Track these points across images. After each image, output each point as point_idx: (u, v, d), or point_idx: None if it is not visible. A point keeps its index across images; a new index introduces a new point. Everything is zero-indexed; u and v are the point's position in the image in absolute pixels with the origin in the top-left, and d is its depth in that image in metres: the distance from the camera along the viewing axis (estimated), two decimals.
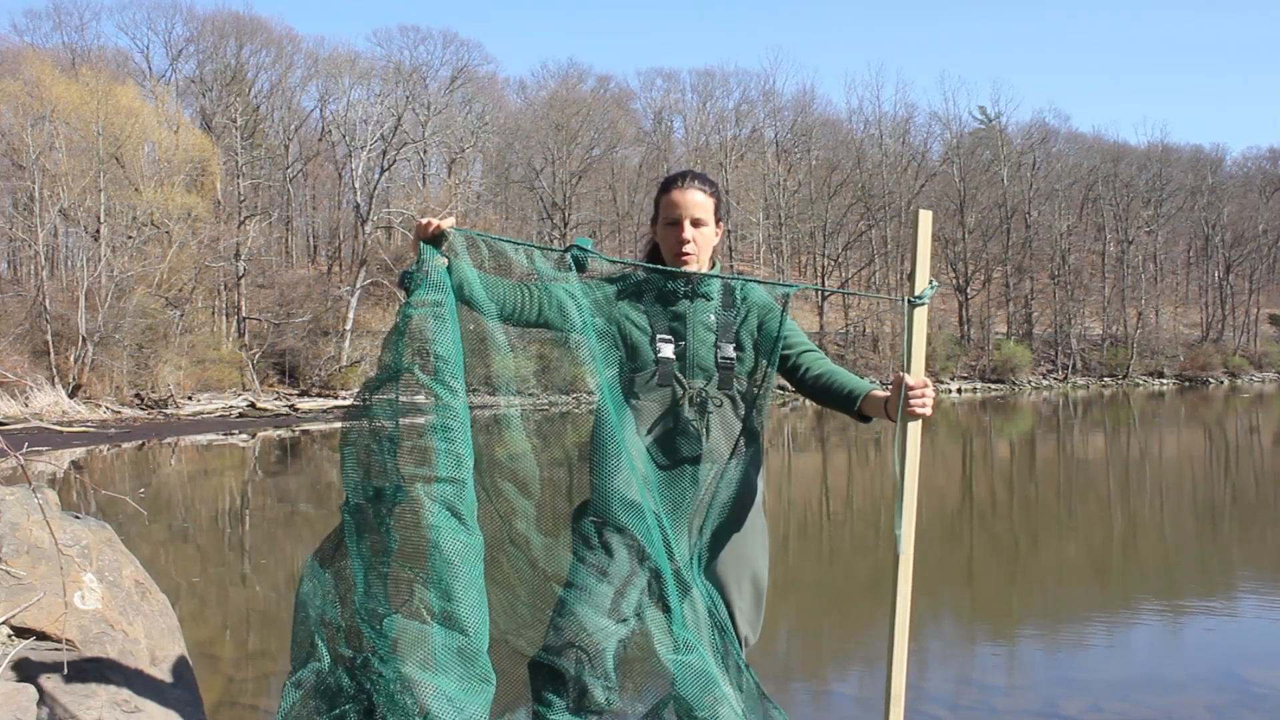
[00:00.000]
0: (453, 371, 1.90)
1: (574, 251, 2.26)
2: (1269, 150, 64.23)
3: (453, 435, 1.87)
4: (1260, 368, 50.96)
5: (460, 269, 2.11)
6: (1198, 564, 7.61)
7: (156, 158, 32.55)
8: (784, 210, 45.12)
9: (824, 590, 6.42)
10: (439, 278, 1.99)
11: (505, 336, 2.14)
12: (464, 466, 1.88)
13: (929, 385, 2.24)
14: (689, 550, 2.29)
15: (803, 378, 2.44)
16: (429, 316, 1.92)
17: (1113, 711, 4.13)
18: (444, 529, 1.82)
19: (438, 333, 1.91)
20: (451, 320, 1.96)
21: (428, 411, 1.87)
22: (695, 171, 2.48)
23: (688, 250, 2.40)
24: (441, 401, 1.88)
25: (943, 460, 16.29)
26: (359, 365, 31.74)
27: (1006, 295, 48.03)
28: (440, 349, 1.90)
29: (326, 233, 46.48)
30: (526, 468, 2.17)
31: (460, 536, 1.85)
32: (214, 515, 10.80)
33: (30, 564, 2.92)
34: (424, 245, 2.07)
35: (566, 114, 44.21)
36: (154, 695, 2.93)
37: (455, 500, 1.86)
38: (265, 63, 44.75)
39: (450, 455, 1.86)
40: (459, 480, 1.86)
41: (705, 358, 2.38)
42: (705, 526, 2.31)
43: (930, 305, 2.31)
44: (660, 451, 2.30)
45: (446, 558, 1.81)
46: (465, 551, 1.84)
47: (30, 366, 23.70)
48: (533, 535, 2.15)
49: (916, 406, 2.22)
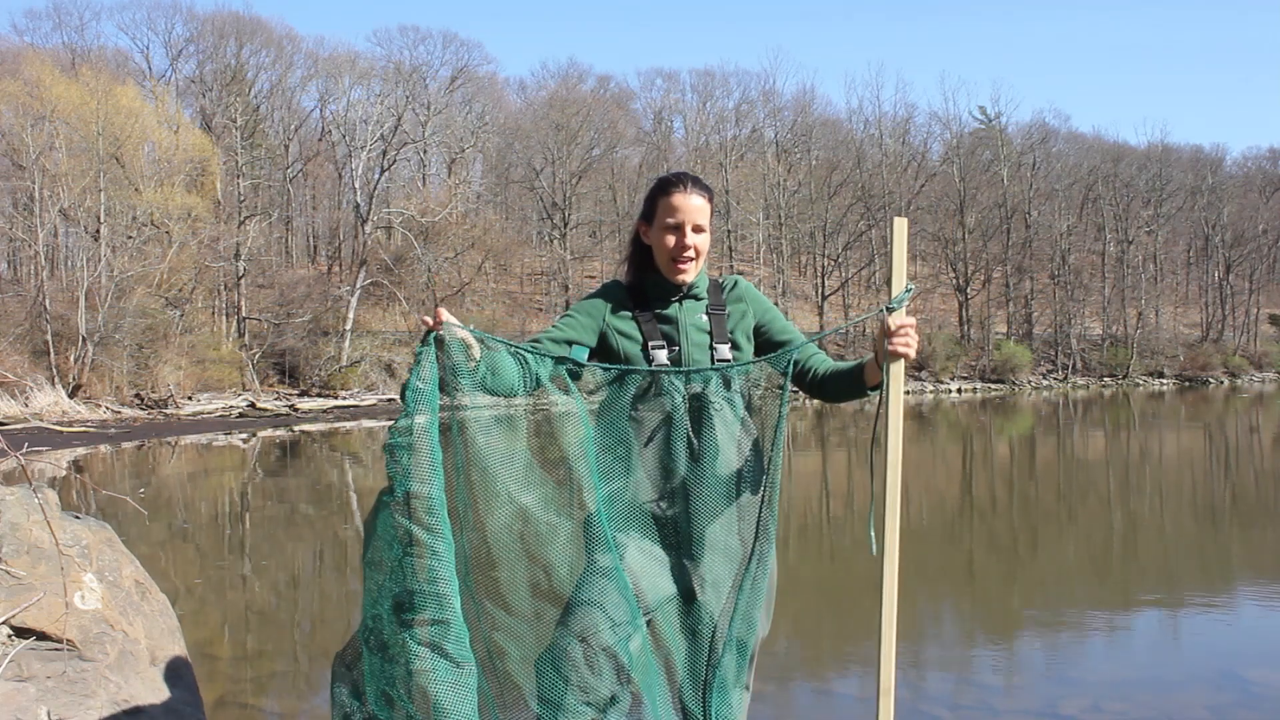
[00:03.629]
0: (429, 508, 1.87)
1: (567, 365, 2.22)
2: (1269, 150, 64.34)
3: (433, 575, 1.87)
4: (1260, 368, 50.95)
5: (486, 358, 2.05)
6: (1198, 564, 7.61)
7: (156, 158, 32.55)
8: (784, 210, 45.10)
9: (824, 590, 6.41)
10: (429, 391, 1.93)
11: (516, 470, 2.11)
12: (445, 605, 1.88)
13: (911, 324, 2.25)
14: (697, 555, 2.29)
15: (811, 380, 2.44)
16: (402, 448, 1.87)
17: (1113, 711, 4.13)
18: (427, 674, 1.85)
19: (412, 466, 1.87)
20: (432, 447, 1.90)
21: (410, 552, 1.87)
22: (693, 174, 2.45)
23: (688, 257, 2.37)
24: (419, 543, 1.86)
25: (943, 460, 16.28)
26: (359, 365, 31.74)
27: (1006, 295, 48.02)
28: (416, 486, 1.86)
29: (326, 233, 46.50)
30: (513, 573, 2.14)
31: (450, 677, 1.87)
32: (214, 515, 10.80)
33: (30, 564, 2.92)
34: (420, 349, 1.98)
35: (566, 114, 44.21)
36: (154, 695, 2.93)
37: (440, 639, 1.88)
38: (265, 63, 44.81)
39: (431, 597, 1.87)
40: (441, 620, 1.88)
41: (701, 361, 2.37)
42: (713, 528, 2.31)
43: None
44: (663, 459, 2.29)
45: (438, 704, 1.85)
46: (452, 694, 1.87)
47: (30, 366, 23.70)
48: (511, 648, 2.12)
49: (899, 345, 2.23)
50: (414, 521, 1.87)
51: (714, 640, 2.26)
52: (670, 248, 2.37)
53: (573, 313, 2.42)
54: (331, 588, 7.20)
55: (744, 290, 2.51)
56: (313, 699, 4.58)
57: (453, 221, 36.45)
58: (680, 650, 2.25)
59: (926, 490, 12.38)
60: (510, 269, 43.63)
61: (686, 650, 2.27)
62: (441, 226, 36.04)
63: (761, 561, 2.29)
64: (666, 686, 2.21)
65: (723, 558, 2.29)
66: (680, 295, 2.42)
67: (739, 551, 2.31)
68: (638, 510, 2.29)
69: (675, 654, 2.24)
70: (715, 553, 2.28)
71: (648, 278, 2.45)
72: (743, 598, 2.27)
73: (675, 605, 2.27)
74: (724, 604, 2.27)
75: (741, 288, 2.51)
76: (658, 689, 2.17)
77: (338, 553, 8.43)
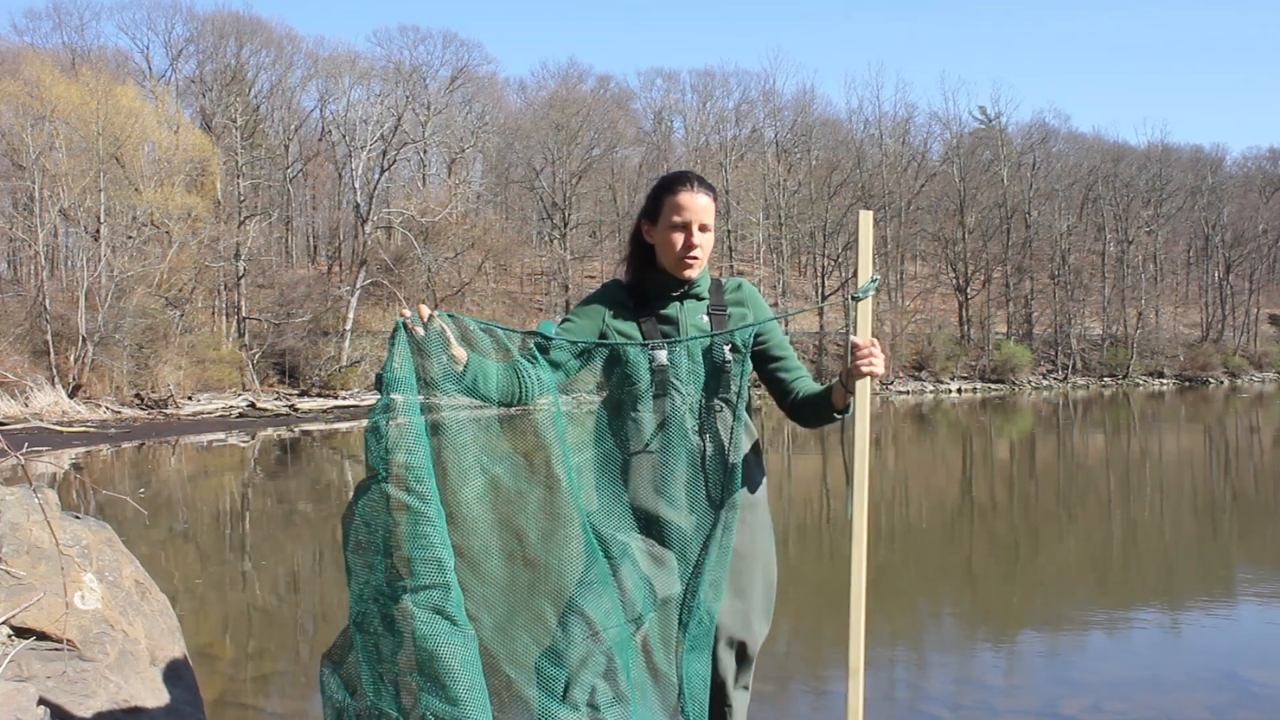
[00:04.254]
0: (418, 476, 1.91)
1: (536, 339, 2.24)
2: (1269, 150, 64.29)
3: (428, 541, 1.90)
4: (1260, 368, 50.95)
5: (474, 363, 2.10)
6: (1198, 564, 7.61)
7: (156, 158, 32.55)
8: (784, 210, 45.09)
9: (824, 590, 6.41)
10: (403, 376, 1.98)
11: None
12: (443, 569, 1.91)
13: (876, 344, 2.28)
14: (692, 555, 2.29)
15: (791, 402, 2.46)
16: (387, 423, 1.93)
17: (1113, 711, 4.13)
18: (435, 636, 1.87)
19: (399, 439, 1.93)
20: (417, 422, 1.96)
21: (401, 521, 1.90)
22: (697, 174, 2.44)
23: (694, 255, 2.36)
24: (412, 510, 1.90)
25: (943, 460, 16.28)
26: (359, 365, 31.73)
27: (1006, 295, 48.02)
28: (403, 456, 1.91)
29: (326, 233, 46.49)
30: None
31: (453, 639, 1.89)
32: (214, 515, 10.80)
33: (30, 564, 2.92)
34: (393, 340, 2.03)
35: (566, 114, 44.20)
36: (154, 695, 2.93)
37: (442, 602, 1.90)
38: (265, 63, 44.80)
39: (428, 562, 1.90)
40: (441, 583, 1.90)
41: (700, 362, 2.36)
42: (713, 529, 2.31)
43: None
44: (662, 460, 2.29)
45: (445, 665, 1.86)
46: (461, 653, 1.89)
47: (30, 366, 23.69)
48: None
49: (863, 366, 2.25)
50: (404, 490, 1.90)
51: (682, 604, 2.27)
52: (678, 247, 2.36)
53: (572, 316, 2.41)
54: (331, 588, 7.20)
55: (747, 294, 2.50)
56: (313, 699, 4.58)
57: (453, 221, 36.45)
58: (654, 621, 2.26)
59: (926, 490, 12.38)
60: (510, 269, 43.63)
61: (659, 618, 2.28)
62: (441, 226, 36.04)
63: (727, 530, 2.30)
64: (640, 654, 2.21)
65: (693, 527, 2.31)
66: (681, 295, 2.42)
67: (707, 520, 2.32)
68: (637, 511, 2.29)
69: (650, 627, 2.24)
70: (709, 549, 2.30)
71: (648, 276, 2.43)
72: (709, 562, 2.27)
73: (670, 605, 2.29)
74: (690, 570, 2.28)
75: (745, 291, 2.50)
76: (631, 655, 2.18)
77: (338, 552, 8.41)
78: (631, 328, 2.39)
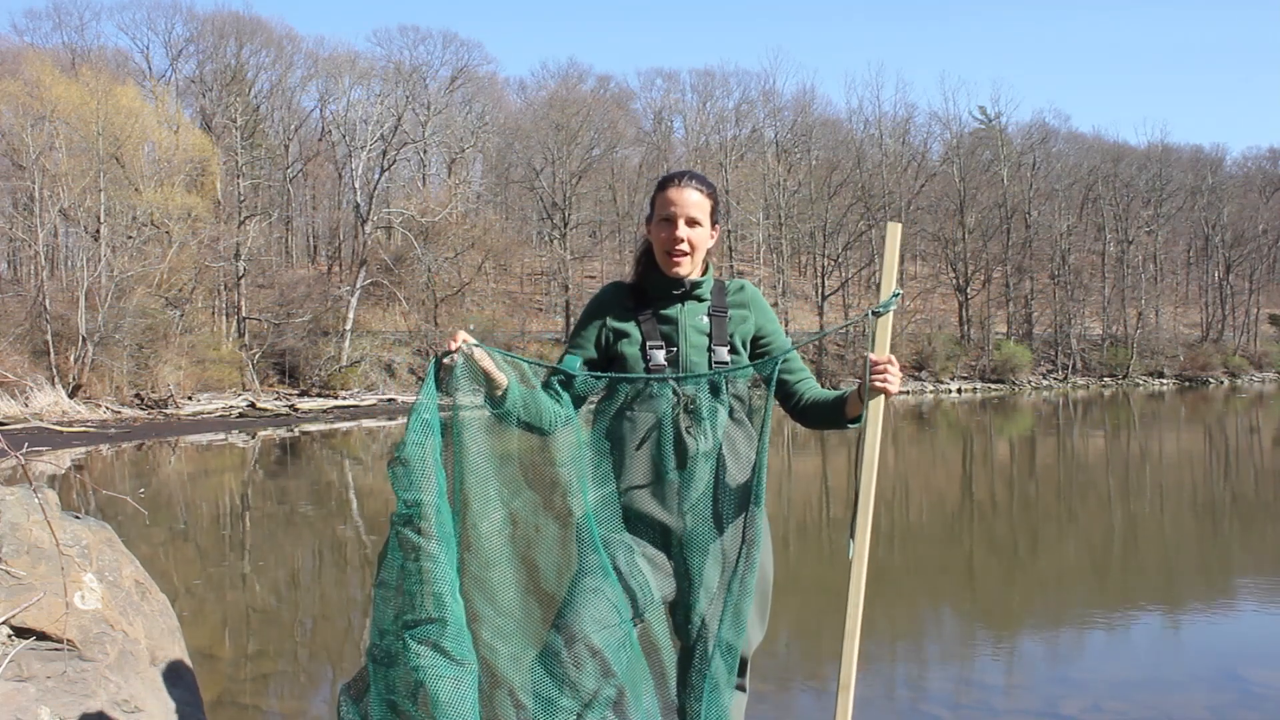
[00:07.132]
0: (422, 513, 1.98)
1: (558, 377, 2.31)
2: (1269, 150, 64.29)
3: (431, 577, 1.96)
4: (1260, 368, 50.92)
5: (513, 390, 2.15)
6: (1198, 564, 7.61)
7: (156, 158, 32.54)
8: (784, 210, 45.08)
9: (824, 590, 6.41)
10: (428, 416, 2.04)
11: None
12: (444, 604, 1.97)
13: (893, 362, 2.27)
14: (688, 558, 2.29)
15: (796, 404, 2.46)
16: (402, 463, 2.00)
17: (1113, 711, 4.13)
18: (425, 669, 1.92)
19: (410, 478, 1.99)
20: (434, 463, 2.02)
21: (406, 557, 1.98)
22: (694, 171, 2.44)
23: (681, 249, 2.36)
24: (415, 546, 1.97)
25: (943, 460, 16.28)
26: (359, 365, 31.73)
27: (1006, 295, 48.01)
28: (411, 494, 1.99)
29: (326, 233, 46.50)
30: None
31: (445, 673, 1.94)
32: (214, 515, 10.80)
33: (30, 564, 2.92)
34: (430, 375, 2.10)
35: (566, 114, 44.19)
36: (154, 695, 2.93)
37: (439, 637, 1.95)
38: (265, 63, 44.81)
39: (431, 597, 1.96)
40: (439, 619, 1.96)
41: (699, 363, 2.35)
42: (702, 530, 2.31)
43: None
44: (655, 461, 2.29)
45: (434, 698, 1.92)
46: (450, 687, 1.93)
47: (30, 366, 23.69)
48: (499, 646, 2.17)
49: (877, 381, 2.26)
50: (411, 529, 1.98)
51: (703, 641, 2.26)
52: (663, 240, 2.37)
53: (579, 327, 2.46)
54: (331, 588, 7.20)
55: (750, 296, 2.49)
56: (313, 699, 4.59)
57: (453, 221, 36.46)
58: (669, 650, 2.26)
59: (926, 490, 12.38)
60: (510, 269, 43.64)
61: (676, 651, 2.28)
62: (441, 226, 36.04)
63: (749, 563, 2.28)
64: (654, 685, 2.21)
65: (712, 560, 2.29)
66: (683, 295, 2.41)
67: (727, 554, 2.31)
68: (631, 512, 2.29)
69: (664, 654, 2.25)
70: (704, 555, 2.29)
71: (650, 276, 2.44)
72: (730, 599, 2.26)
73: (665, 606, 2.30)
74: (712, 606, 2.27)
75: (748, 293, 2.50)
76: (643, 685, 2.18)
77: (337, 553, 8.43)
78: (630, 326, 2.39)
